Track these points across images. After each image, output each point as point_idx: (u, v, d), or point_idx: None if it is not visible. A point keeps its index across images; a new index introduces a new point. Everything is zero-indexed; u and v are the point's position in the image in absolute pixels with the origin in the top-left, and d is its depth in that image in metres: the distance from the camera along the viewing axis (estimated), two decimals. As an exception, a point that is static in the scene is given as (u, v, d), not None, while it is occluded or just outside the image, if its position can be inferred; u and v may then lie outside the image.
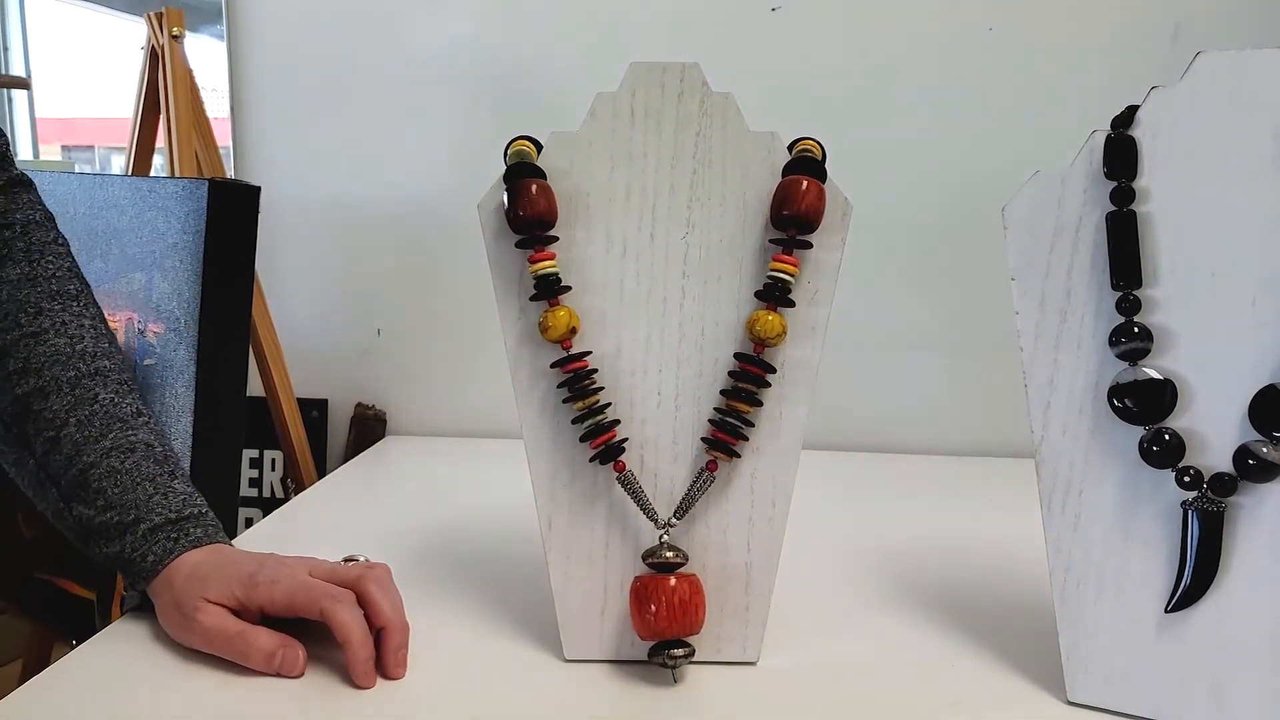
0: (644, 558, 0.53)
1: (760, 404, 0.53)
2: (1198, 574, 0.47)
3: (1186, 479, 0.47)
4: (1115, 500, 0.49)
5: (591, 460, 0.54)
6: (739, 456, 0.54)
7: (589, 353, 0.54)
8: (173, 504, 0.56)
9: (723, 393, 0.54)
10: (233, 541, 0.75)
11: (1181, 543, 0.47)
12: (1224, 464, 0.46)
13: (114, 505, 0.55)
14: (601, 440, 0.53)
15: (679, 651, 0.52)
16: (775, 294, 0.52)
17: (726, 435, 0.53)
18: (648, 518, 0.54)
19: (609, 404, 0.54)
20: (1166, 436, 0.47)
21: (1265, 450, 0.45)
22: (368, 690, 0.51)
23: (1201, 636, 0.48)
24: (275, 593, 0.53)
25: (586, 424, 0.53)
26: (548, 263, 0.53)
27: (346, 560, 0.57)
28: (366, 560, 0.58)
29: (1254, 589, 0.46)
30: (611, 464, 0.53)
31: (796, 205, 0.51)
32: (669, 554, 0.52)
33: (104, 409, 0.57)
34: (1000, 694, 0.53)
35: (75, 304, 0.59)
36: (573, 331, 0.53)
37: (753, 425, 0.54)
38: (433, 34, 1.05)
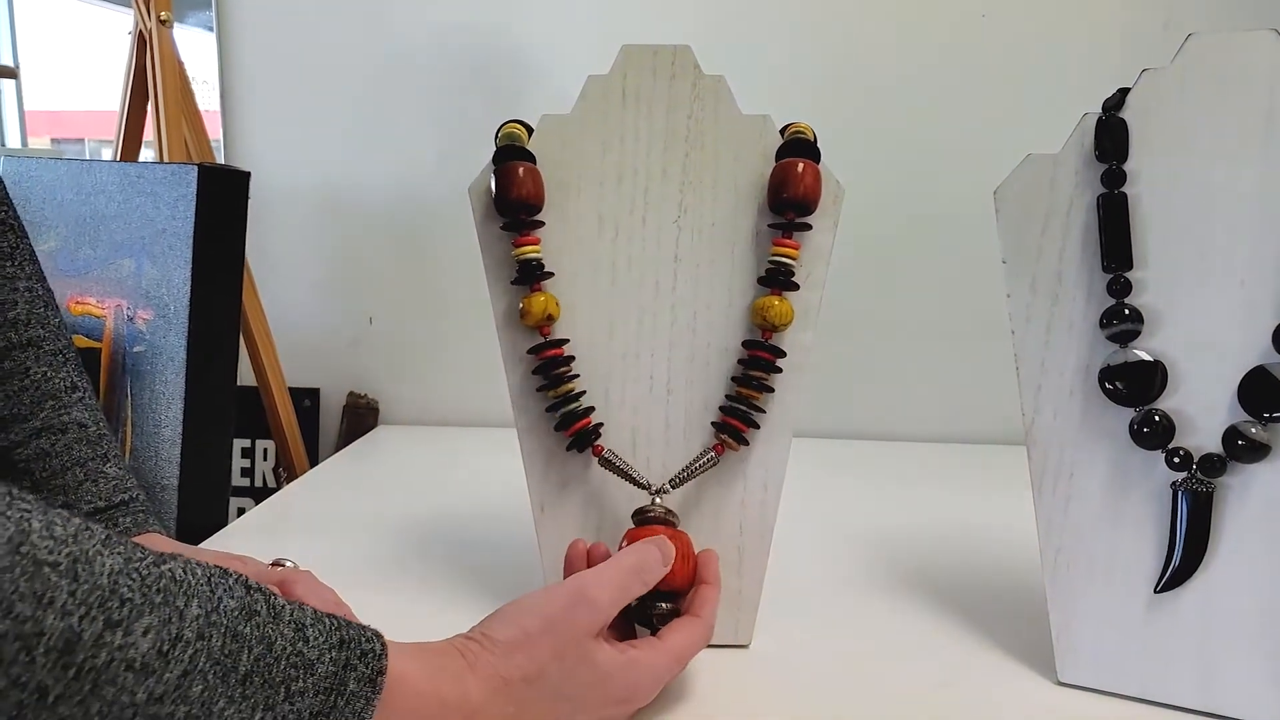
0: (633, 515, 0.52)
1: (772, 390, 0.53)
2: (1187, 554, 0.47)
3: (1176, 460, 0.47)
4: (1105, 482, 0.49)
5: (569, 449, 0.54)
6: (747, 444, 0.54)
7: (566, 340, 0.54)
8: (103, 490, 0.54)
9: (734, 379, 0.53)
10: (223, 530, 0.75)
11: (1171, 523, 0.47)
12: (1213, 445, 0.46)
13: (40, 488, 0.53)
14: (574, 429, 0.53)
15: (665, 606, 0.49)
16: (779, 278, 0.52)
17: (738, 421, 0.53)
18: (638, 486, 0.53)
19: (583, 391, 0.54)
20: (1156, 418, 0.47)
21: (1254, 431, 0.45)
22: None
23: (1190, 617, 0.48)
24: None
25: (559, 413, 0.53)
26: (530, 248, 0.52)
27: (274, 564, 0.56)
28: (294, 565, 0.56)
29: (1242, 569, 0.47)
30: (590, 449, 0.53)
31: (795, 188, 0.51)
32: (660, 510, 0.52)
33: (35, 384, 0.55)
34: (991, 675, 0.53)
35: (9, 264, 0.56)
36: (549, 319, 0.53)
37: (764, 411, 0.53)
38: (422, 20, 1.05)
